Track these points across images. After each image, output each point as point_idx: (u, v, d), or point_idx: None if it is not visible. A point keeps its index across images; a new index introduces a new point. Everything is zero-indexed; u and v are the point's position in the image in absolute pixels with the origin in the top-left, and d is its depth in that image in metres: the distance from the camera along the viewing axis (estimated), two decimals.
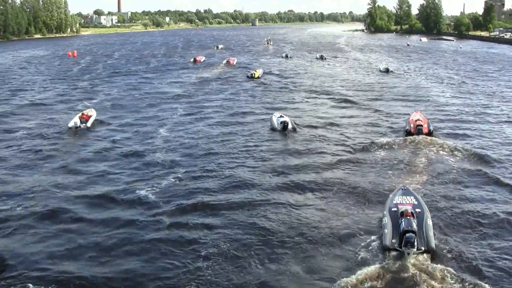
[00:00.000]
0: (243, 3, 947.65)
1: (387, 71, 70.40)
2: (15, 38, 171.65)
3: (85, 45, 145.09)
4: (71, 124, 34.77)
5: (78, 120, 34.85)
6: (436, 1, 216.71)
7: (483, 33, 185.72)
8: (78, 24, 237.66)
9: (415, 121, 32.61)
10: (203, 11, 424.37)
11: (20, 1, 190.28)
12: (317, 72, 71.54)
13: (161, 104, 45.59)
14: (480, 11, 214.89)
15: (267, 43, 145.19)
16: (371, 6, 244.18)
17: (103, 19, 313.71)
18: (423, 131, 31.55)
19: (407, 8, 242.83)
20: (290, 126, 33.76)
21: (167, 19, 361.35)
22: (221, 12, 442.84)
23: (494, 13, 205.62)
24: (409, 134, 31.85)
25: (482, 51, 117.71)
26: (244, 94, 50.82)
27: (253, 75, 63.25)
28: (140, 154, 29.00)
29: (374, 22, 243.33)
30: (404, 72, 71.74)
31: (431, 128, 32.44)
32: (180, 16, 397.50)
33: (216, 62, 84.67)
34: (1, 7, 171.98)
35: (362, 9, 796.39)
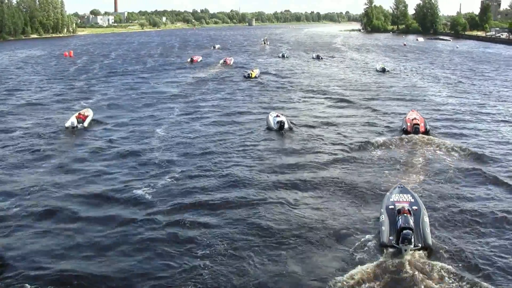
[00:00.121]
0: (240, 3, 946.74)
1: (383, 70, 70.52)
2: (12, 38, 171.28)
3: (81, 45, 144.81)
4: (68, 124, 34.74)
5: (75, 120, 34.82)
6: (432, 1, 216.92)
7: (480, 33, 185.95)
8: (74, 24, 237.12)
9: (411, 120, 32.73)
10: (199, 11, 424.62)
11: (16, 1, 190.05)
12: (313, 72, 71.57)
13: (158, 103, 45.57)
14: (477, 11, 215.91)
15: (264, 43, 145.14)
16: (367, 6, 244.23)
17: (100, 19, 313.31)
18: (419, 130, 31.67)
19: (403, 8, 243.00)
20: (286, 126, 33.79)
21: (164, 19, 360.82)
22: (217, 12, 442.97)
23: (490, 13, 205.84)
24: (406, 133, 31.97)
25: (479, 51, 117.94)
26: (241, 94, 50.82)
27: (250, 75, 63.24)
28: (137, 153, 29.02)
29: (370, 22, 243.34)
30: (400, 72, 71.82)
31: (428, 127, 32.57)
32: (176, 16, 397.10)
33: (213, 62, 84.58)
34: None
35: (358, 9, 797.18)
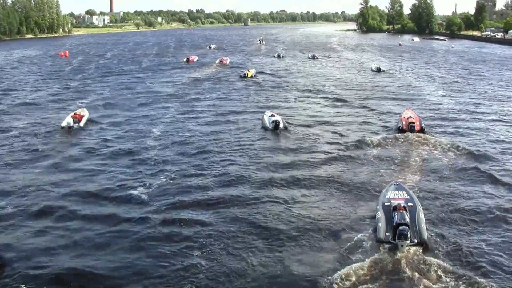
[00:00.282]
0: (236, 3, 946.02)
1: (379, 70, 70.70)
2: (7, 38, 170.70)
3: (77, 45, 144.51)
4: (64, 124, 34.69)
5: (71, 120, 34.72)
6: (428, 1, 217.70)
7: (475, 32, 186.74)
8: (70, 24, 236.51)
9: (407, 118, 32.87)
10: (195, 11, 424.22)
11: (11, 1, 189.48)
12: (309, 72, 71.68)
13: (153, 103, 45.55)
14: (472, 11, 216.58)
15: (260, 43, 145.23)
16: (363, 6, 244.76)
17: (95, 19, 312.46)
18: (415, 129, 31.82)
19: (399, 8, 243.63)
20: (281, 125, 33.81)
21: (159, 19, 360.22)
22: (213, 12, 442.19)
23: (485, 13, 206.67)
24: (401, 131, 32.10)
25: (474, 51, 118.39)
26: (237, 94, 50.85)
27: (246, 74, 63.29)
28: (133, 153, 29.03)
29: (366, 22, 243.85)
30: (396, 72, 72.05)
31: (423, 125, 32.71)
32: (172, 16, 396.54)
33: (209, 62, 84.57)
34: None
35: (354, 9, 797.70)
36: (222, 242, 17.78)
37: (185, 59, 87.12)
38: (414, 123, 32.19)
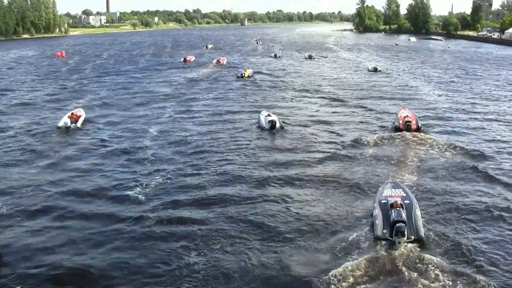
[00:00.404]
0: (233, 3, 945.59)
1: (375, 70, 70.72)
2: (3, 38, 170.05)
3: (73, 45, 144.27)
4: (60, 124, 34.64)
5: (68, 120, 34.66)
6: (424, 1, 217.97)
7: (471, 32, 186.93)
8: (66, 24, 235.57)
9: (403, 117, 32.97)
10: (192, 11, 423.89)
11: (7, 1, 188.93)
12: (306, 72, 71.75)
13: (150, 103, 45.52)
14: (468, 11, 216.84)
15: (256, 42, 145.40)
16: (359, 6, 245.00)
17: (92, 19, 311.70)
18: (411, 127, 31.92)
19: (395, 8, 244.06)
20: (278, 125, 33.84)
21: (156, 19, 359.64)
22: (210, 12, 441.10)
23: (482, 13, 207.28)
24: (398, 130, 32.20)
25: (470, 51, 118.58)
26: (234, 93, 50.84)
27: (243, 74, 63.30)
28: (131, 152, 29.05)
29: (363, 21, 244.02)
30: (392, 71, 72.12)
31: (419, 124, 32.82)
32: (169, 16, 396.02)
33: (206, 62, 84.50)
34: None
35: (351, 9, 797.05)
36: (219, 241, 17.81)
37: (182, 59, 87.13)
38: (410, 122, 32.28)
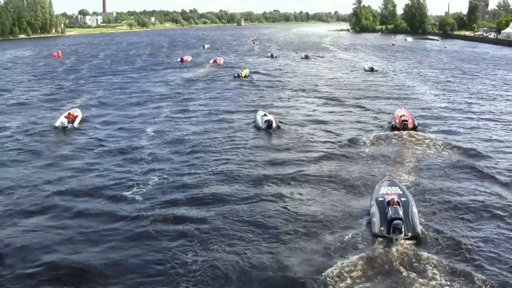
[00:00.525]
0: (229, 3, 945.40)
1: (372, 70, 70.85)
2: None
3: (70, 45, 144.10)
4: (57, 124, 34.58)
5: (65, 120, 34.58)
6: (421, 1, 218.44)
7: (468, 32, 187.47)
8: (63, 24, 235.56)
9: (400, 116, 33.05)
10: (188, 11, 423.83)
11: (4, 1, 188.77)
12: (302, 72, 71.86)
13: (147, 103, 45.50)
14: (465, 11, 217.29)
15: (253, 42, 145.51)
16: (356, 6, 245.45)
17: (88, 19, 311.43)
18: (408, 126, 32.02)
19: (392, 8, 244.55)
20: (274, 125, 33.88)
21: (153, 19, 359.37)
22: (206, 12, 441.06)
23: (478, 13, 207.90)
24: (394, 129, 32.31)
25: (467, 51, 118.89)
26: (230, 93, 50.85)
27: (239, 74, 63.36)
28: (128, 152, 29.05)
29: (359, 21, 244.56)
30: (389, 71, 72.27)
31: (416, 123, 32.93)
32: (165, 16, 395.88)
33: (203, 62, 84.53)
34: None
35: (347, 9, 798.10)
36: (215, 241, 17.81)
37: (179, 59, 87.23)
38: (407, 121, 32.37)
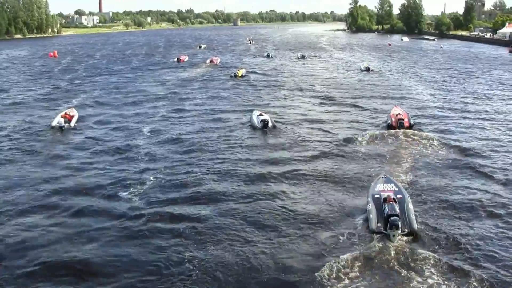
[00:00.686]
0: (225, 3, 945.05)
1: (368, 70, 70.90)
2: None
3: (66, 45, 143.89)
4: (54, 123, 34.59)
5: (62, 120, 34.57)
6: (417, 1, 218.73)
7: (464, 32, 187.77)
8: (59, 24, 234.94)
9: (396, 115, 33.24)
10: (184, 11, 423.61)
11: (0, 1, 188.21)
12: (298, 71, 71.91)
13: (144, 103, 45.52)
14: (461, 11, 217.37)
15: (249, 42, 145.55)
16: (352, 6, 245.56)
17: (84, 19, 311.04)
18: (404, 125, 32.21)
19: (388, 8, 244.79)
20: (270, 124, 33.96)
21: (149, 19, 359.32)
22: (202, 12, 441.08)
23: (474, 13, 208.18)
24: (390, 128, 32.50)
25: (463, 51, 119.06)
26: (227, 93, 50.85)
27: (236, 74, 63.41)
28: (125, 151, 29.09)
29: (355, 21, 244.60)
30: (385, 71, 72.32)
31: (412, 122, 33.15)
32: (161, 16, 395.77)
33: (200, 62, 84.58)
34: None
35: (343, 9, 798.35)
36: (212, 238, 17.91)
37: (175, 59, 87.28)
38: (403, 119, 32.56)
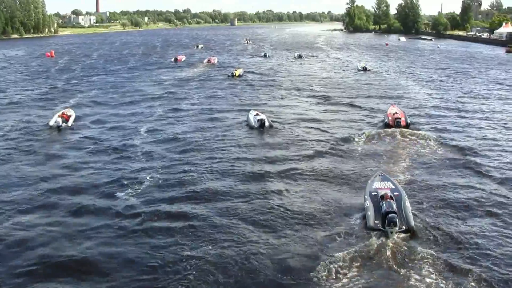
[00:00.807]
0: (223, 3, 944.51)
1: (364, 69, 71.05)
2: None
3: (63, 45, 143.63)
4: (51, 123, 34.57)
5: (59, 119, 34.57)
6: (414, 1, 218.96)
7: (461, 32, 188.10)
8: (56, 24, 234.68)
9: (393, 114, 33.39)
10: (181, 11, 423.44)
11: None
12: (295, 71, 72.04)
13: (141, 102, 45.53)
14: (458, 11, 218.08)
15: (247, 42, 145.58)
16: (349, 6, 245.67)
17: (81, 19, 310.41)
18: (401, 124, 32.37)
19: (385, 8, 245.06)
20: (267, 124, 34.05)
21: (146, 19, 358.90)
22: (200, 12, 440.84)
23: (471, 13, 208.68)
24: (387, 126, 32.65)
25: (460, 50, 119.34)
26: (224, 93, 50.90)
27: (233, 74, 63.45)
28: (122, 150, 29.14)
29: (352, 21, 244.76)
30: (382, 71, 72.46)
31: (409, 121, 33.28)
32: (159, 16, 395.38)
33: (197, 61, 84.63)
34: None
35: (340, 8, 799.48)
36: (210, 236, 17.94)
37: (173, 59, 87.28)
38: (400, 118, 32.69)
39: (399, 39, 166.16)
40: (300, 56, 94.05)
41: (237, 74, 63.31)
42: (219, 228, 18.59)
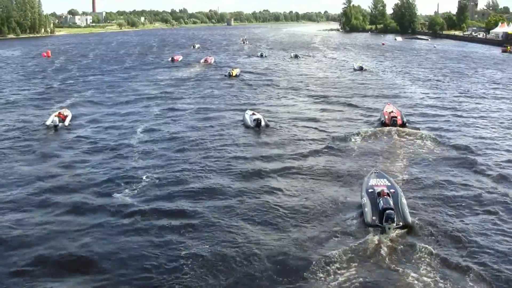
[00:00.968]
0: (219, 3, 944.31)
1: (361, 69, 71.09)
2: None
3: (59, 45, 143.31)
4: (48, 122, 34.54)
5: (56, 119, 34.54)
6: (410, 0, 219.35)
7: (457, 32, 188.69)
8: (52, 24, 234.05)
9: (389, 113, 33.51)
10: (178, 11, 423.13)
11: None
12: (292, 71, 72.06)
13: (138, 102, 45.47)
14: (454, 10, 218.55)
15: (243, 42, 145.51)
16: (346, 6, 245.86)
17: (78, 19, 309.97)
18: (397, 123, 32.47)
19: (382, 8, 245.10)
20: (263, 123, 34.09)
21: (142, 19, 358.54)
22: (196, 12, 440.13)
23: (467, 12, 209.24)
24: (384, 125, 32.77)
25: (456, 50, 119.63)
26: (221, 92, 50.88)
27: (230, 73, 63.43)
28: (119, 150, 29.16)
29: (349, 21, 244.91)
30: (378, 71, 72.58)
31: (405, 119, 33.38)
32: (155, 16, 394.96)
33: (194, 61, 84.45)
34: None
35: (337, 8, 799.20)
36: (207, 234, 18.02)
37: (170, 59, 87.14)
38: (396, 117, 32.83)
39: (395, 39, 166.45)
40: (296, 56, 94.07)
41: (233, 74, 63.25)
42: (216, 227, 18.65)
